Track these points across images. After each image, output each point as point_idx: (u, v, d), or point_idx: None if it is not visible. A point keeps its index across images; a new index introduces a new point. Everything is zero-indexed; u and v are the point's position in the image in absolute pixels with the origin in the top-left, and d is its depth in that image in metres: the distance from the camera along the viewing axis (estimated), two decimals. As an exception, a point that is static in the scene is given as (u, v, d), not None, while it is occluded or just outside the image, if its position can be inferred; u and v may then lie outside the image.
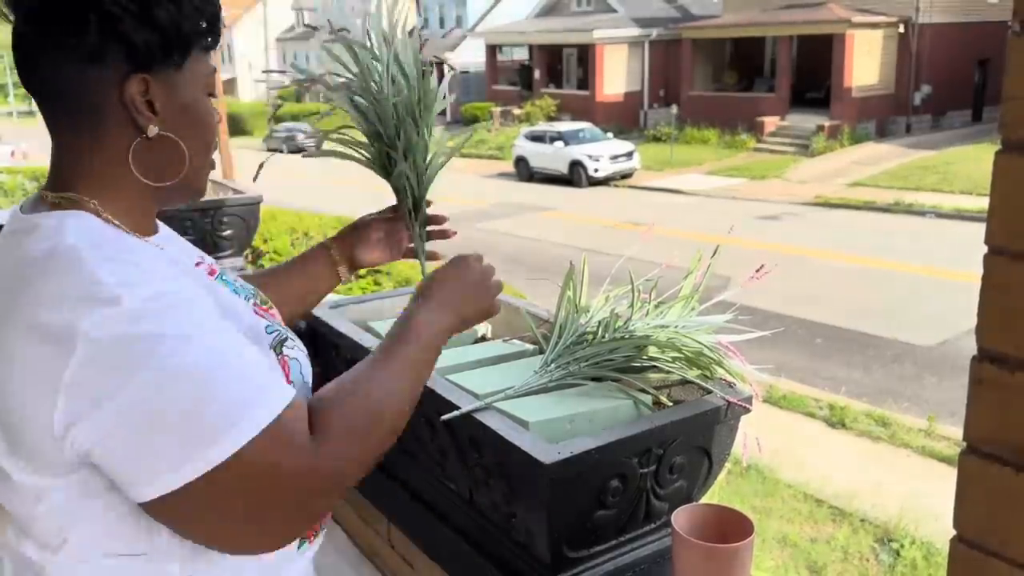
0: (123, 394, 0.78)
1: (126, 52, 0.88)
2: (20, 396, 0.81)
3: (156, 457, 0.79)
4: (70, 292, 0.80)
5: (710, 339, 1.29)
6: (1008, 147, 0.66)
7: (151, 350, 0.79)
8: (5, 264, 0.87)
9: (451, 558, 1.40)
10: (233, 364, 0.83)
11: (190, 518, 0.83)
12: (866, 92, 24.23)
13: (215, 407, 0.80)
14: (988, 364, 0.69)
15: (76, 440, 0.80)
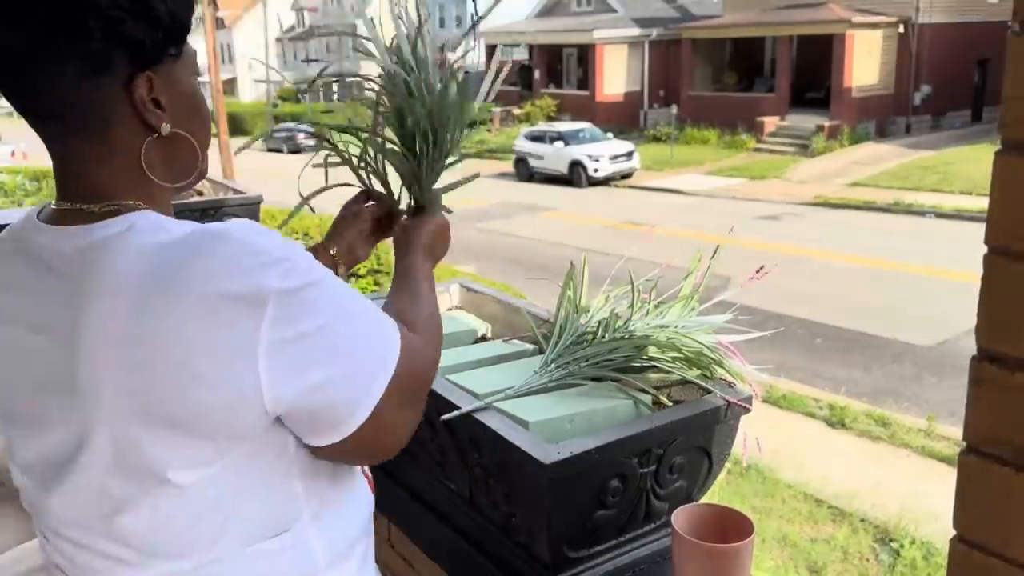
0: (324, 334, 0.84)
1: (131, 53, 0.84)
2: (210, 373, 0.79)
3: (360, 382, 0.88)
4: (243, 261, 0.81)
5: (710, 339, 1.29)
6: (1008, 147, 0.66)
7: (326, 291, 0.86)
8: (118, 268, 0.81)
9: (451, 558, 1.40)
10: (364, 302, 0.93)
11: (378, 432, 0.91)
12: (866, 92, 24.23)
13: (379, 328, 0.92)
14: (988, 364, 0.69)
15: (283, 395, 0.83)
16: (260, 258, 0.81)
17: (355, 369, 0.87)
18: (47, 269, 0.86)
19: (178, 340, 0.78)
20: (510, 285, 8.33)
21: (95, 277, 0.81)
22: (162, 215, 0.88)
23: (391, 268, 7.83)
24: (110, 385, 0.79)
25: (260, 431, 0.85)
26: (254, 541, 0.89)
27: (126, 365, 0.79)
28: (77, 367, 0.81)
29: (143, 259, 0.81)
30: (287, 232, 6.90)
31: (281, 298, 0.81)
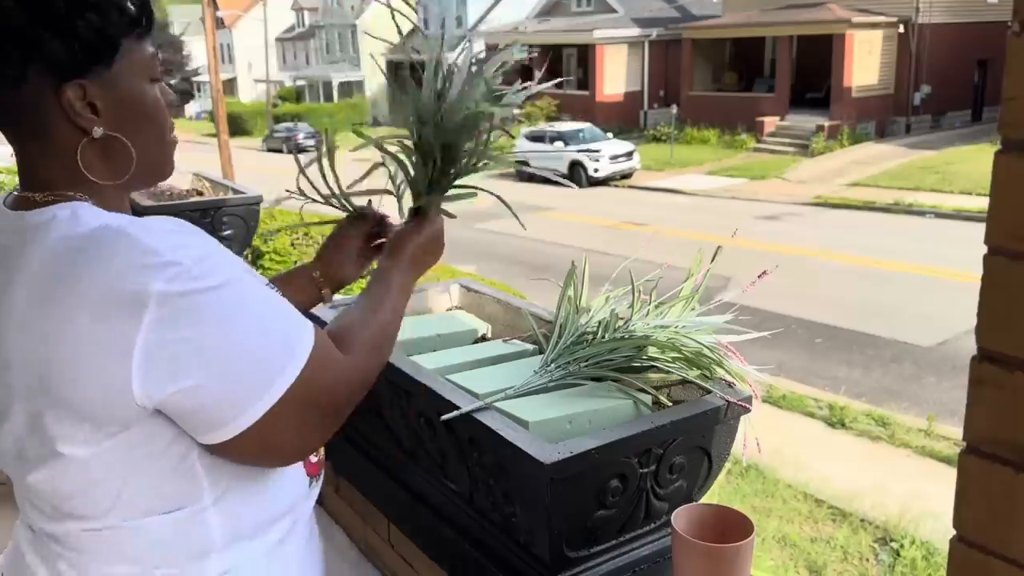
0: (201, 342, 0.86)
1: (50, 68, 0.90)
2: (89, 364, 0.85)
3: (238, 394, 0.88)
4: (132, 262, 0.85)
5: (710, 339, 1.29)
6: (1008, 147, 0.66)
7: (216, 299, 0.87)
8: (34, 254, 0.90)
9: (451, 558, 1.40)
10: (275, 301, 0.95)
11: (264, 443, 0.92)
12: (866, 92, 24.23)
13: (277, 338, 0.91)
14: (988, 364, 0.69)
15: (153, 394, 0.86)
16: (149, 259, 0.85)
17: (234, 379, 0.88)
18: (1, 249, 0.95)
19: (65, 330, 0.86)
20: (510, 285, 8.33)
21: (16, 263, 0.91)
22: (90, 207, 0.94)
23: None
24: (17, 364, 0.90)
25: (141, 420, 0.89)
26: (148, 514, 0.95)
27: (26, 348, 0.89)
28: (3, 344, 0.91)
29: (52, 249, 0.89)
30: (288, 233, 6.89)
31: (163, 302, 0.84)
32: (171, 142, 1.04)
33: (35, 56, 0.89)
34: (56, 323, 0.86)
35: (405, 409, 1.41)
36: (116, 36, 0.94)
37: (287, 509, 1.05)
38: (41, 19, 0.88)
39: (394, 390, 1.42)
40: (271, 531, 1.03)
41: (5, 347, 0.91)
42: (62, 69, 0.91)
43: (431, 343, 1.56)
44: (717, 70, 28.09)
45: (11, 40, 0.88)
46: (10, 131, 0.96)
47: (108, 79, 0.94)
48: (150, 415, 0.89)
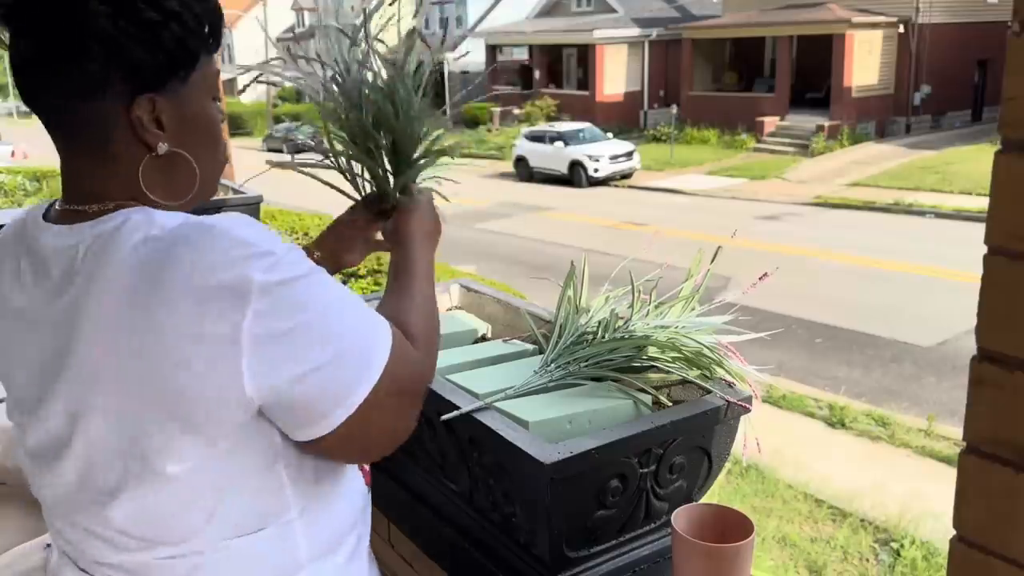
0: (307, 327, 0.85)
1: (131, 76, 0.87)
2: (195, 364, 0.81)
3: (344, 378, 0.88)
4: (228, 254, 0.82)
5: (710, 339, 1.29)
6: (1008, 147, 0.66)
7: (312, 285, 0.87)
8: (112, 261, 0.84)
9: (451, 558, 1.40)
10: (354, 300, 0.93)
11: (364, 430, 0.92)
12: (866, 92, 24.23)
13: (366, 325, 0.92)
14: (988, 364, 0.69)
15: (265, 386, 0.84)
16: (245, 250, 0.83)
17: (338, 365, 0.87)
18: (44, 264, 0.90)
19: (166, 329, 0.81)
20: (510, 285, 8.33)
21: (92, 271, 0.85)
22: (154, 210, 0.89)
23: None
24: (106, 372, 0.83)
25: (243, 422, 0.86)
26: (238, 534, 0.90)
27: (120, 352, 0.82)
28: (73, 355, 0.85)
29: (135, 252, 0.84)
30: (288, 230, 6.90)
31: (265, 291, 0.82)
32: (223, 161, 1.03)
33: (118, 64, 0.86)
34: (154, 326, 0.81)
35: (405, 409, 1.41)
36: (196, 50, 0.91)
37: (358, 516, 1.05)
38: (127, 27, 0.85)
39: (394, 390, 1.42)
40: (345, 543, 1.02)
41: (77, 360, 0.84)
42: (143, 80, 0.88)
43: (431, 343, 1.56)
44: (717, 70, 28.09)
45: (95, 37, 0.84)
46: (65, 141, 0.91)
47: (180, 95, 0.91)
48: (253, 416, 0.86)
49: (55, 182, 9.83)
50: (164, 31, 0.87)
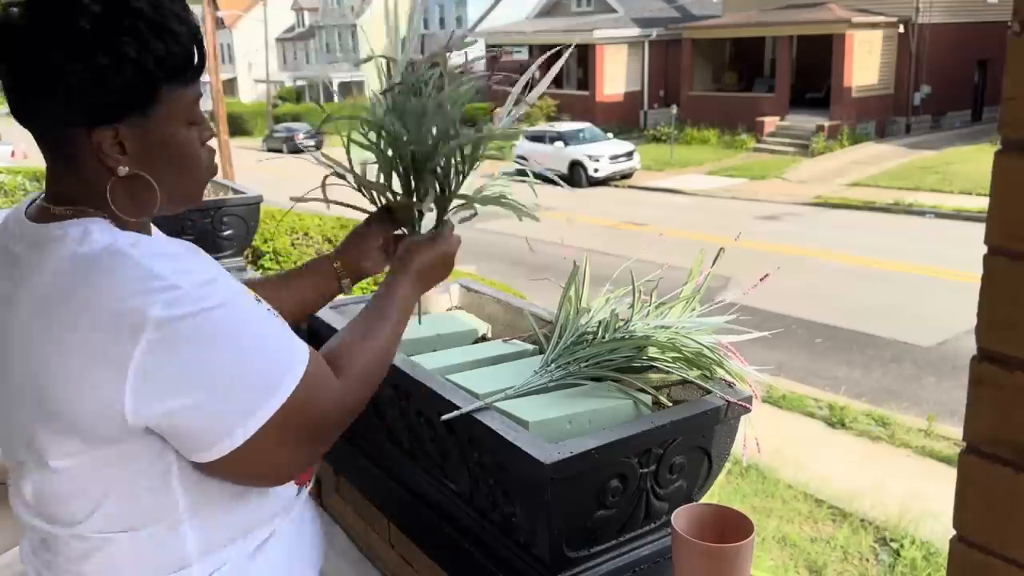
0: (195, 363, 0.88)
1: (88, 112, 0.92)
2: (83, 380, 0.89)
3: (228, 415, 0.90)
4: (133, 285, 0.88)
5: (710, 340, 1.29)
6: (1008, 147, 0.66)
7: (212, 320, 0.90)
8: (43, 269, 0.93)
9: (451, 558, 1.40)
10: (272, 325, 0.97)
11: (253, 462, 0.95)
12: (866, 92, 24.23)
13: (268, 363, 0.93)
14: (988, 364, 0.69)
15: (144, 414, 0.89)
16: (151, 283, 0.88)
17: (226, 399, 0.90)
18: (11, 257, 0.98)
19: (62, 345, 0.89)
20: (510, 285, 8.33)
21: (25, 275, 0.94)
22: (105, 225, 0.96)
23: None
24: (17, 376, 0.94)
25: (127, 438, 0.92)
26: (123, 528, 0.97)
27: (25, 360, 0.92)
28: (7, 353, 0.95)
29: (58, 266, 0.92)
30: (288, 231, 6.90)
31: (160, 325, 0.87)
32: (204, 174, 1.06)
33: (76, 101, 0.91)
34: (55, 338, 0.89)
35: (405, 409, 1.41)
36: (154, 87, 0.94)
37: (268, 517, 1.07)
38: (81, 70, 0.89)
39: (394, 390, 1.42)
40: (250, 537, 1.05)
41: (8, 359, 0.95)
42: (96, 115, 0.93)
43: (431, 343, 1.56)
44: (717, 70, 28.08)
45: (58, 84, 0.90)
46: (43, 150, 0.99)
47: (142, 124, 0.96)
48: (139, 434, 0.92)
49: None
50: (115, 76, 0.91)
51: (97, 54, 0.89)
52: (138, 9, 0.91)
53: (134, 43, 0.90)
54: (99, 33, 0.89)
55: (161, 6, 0.93)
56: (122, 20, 0.90)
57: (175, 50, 0.94)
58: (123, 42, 0.90)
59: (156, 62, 0.93)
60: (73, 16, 0.89)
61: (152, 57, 0.92)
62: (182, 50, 0.95)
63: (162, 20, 0.92)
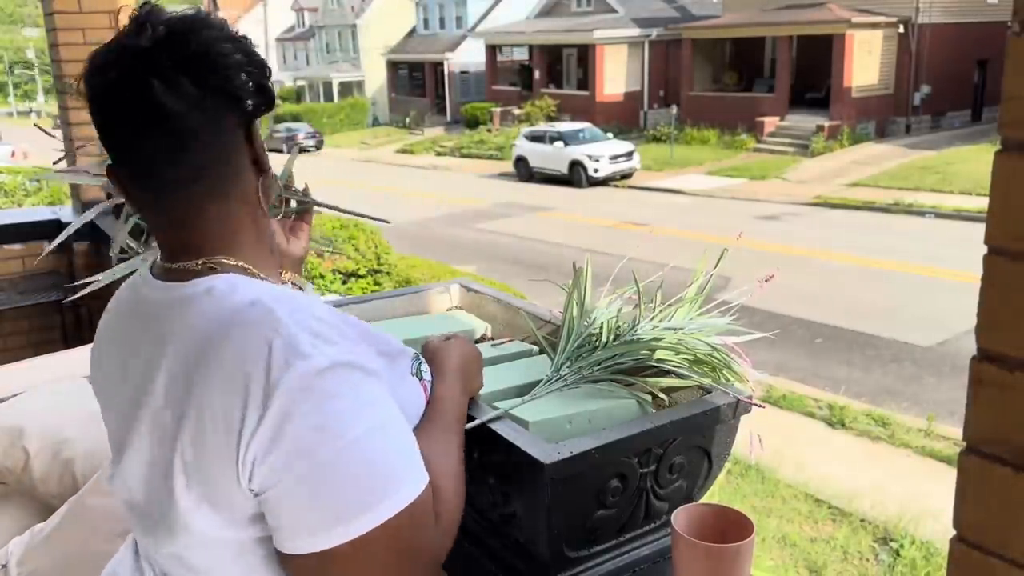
0: (300, 443, 0.82)
1: (253, 107, 0.95)
2: (210, 445, 0.85)
3: (314, 513, 0.84)
4: (267, 347, 0.84)
5: (717, 340, 1.29)
6: (1008, 147, 0.66)
7: (331, 407, 0.84)
8: (184, 328, 0.90)
9: (451, 558, 1.40)
10: (394, 438, 0.89)
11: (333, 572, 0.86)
12: (866, 92, 24.23)
13: (373, 478, 0.85)
14: (988, 364, 0.69)
15: (255, 481, 0.84)
16: (285, 346, 0.84)
17: (324, 496, 0.83)
18: (146, 319, 0.96)
19: (201, 404, 0.85)
20: (510, 285, 8.32)
21: (171, 331, 0.91)
22: (247, 279, 0.94)
23: (391, 268, 7.85)
24: (156, 431, 0.90)
25: (252, 514, 0.87)
26: None
27: (167, 415, 0.88)
28: (145, 407, 0.91)
29: (201, 325, 0.89)
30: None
31: (281, 394, 0.82)
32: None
33: (261, 95, 0.94)
34: (193, 396, 0.86)
35: (405, 409, 1.41)
36: (254, 115, 0.97)
37: None
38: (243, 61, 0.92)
39: (394, 390, 1.42)
40: None
41: (145, 413, 0.91)
42: (257, 108, 0.95)
43: (431, 343, 1.56)
44: (717, 70, 28.08)
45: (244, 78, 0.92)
46: (194, 194, 0.93)
47: (256, 131, 0.98)
48: (257, 510, 0.87)
49: (55, 183, 9.83)
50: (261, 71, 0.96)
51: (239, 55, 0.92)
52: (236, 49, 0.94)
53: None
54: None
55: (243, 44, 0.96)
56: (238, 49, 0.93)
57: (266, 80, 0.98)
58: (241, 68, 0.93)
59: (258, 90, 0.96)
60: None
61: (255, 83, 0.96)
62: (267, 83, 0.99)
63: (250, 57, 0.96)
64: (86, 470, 1.85)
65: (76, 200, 3.97)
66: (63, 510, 1.72)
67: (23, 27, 62.44)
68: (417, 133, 34.17)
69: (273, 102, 0.99)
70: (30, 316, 3.66)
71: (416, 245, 12.64)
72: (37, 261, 3.68)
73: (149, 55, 0.87)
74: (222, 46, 0.91)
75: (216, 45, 0.91)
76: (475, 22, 35.85)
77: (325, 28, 42.67)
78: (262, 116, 0.98)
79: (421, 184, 23.01)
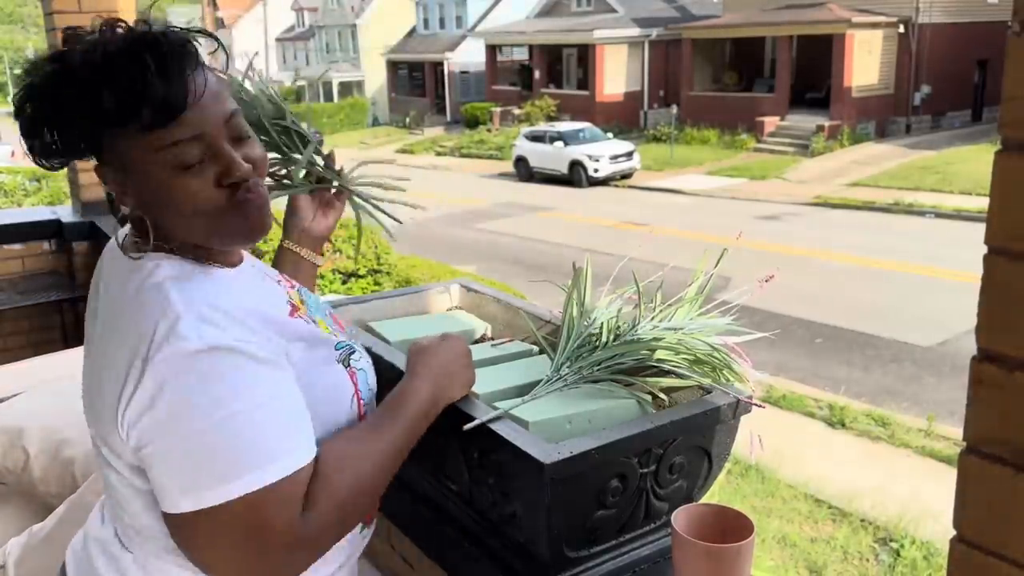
0: (169, 414, 0.90)
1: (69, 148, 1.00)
2: (106, 399, 0.96)
3: (176, 479, 0.90)
4: (153, 326, 0.92)
5: (717, 340, 1.29)
6: (1008, 147, 0.66)
7: (202, 386, 0.89)
8: (115, 289, 1.01)
9: (451, 558, 1.40)
10: (269, 421, 0.92)
11: (187, 542, 0.94)
12: (866, 92, 24.22)
13: (234, 454, 0.89)
14: (988, 364, 0.69)
15: (131, 438, 0.93)
16: (167, 325, 0.92)
17: (185, 465, 0.90)
18: (99, 283, 1.07)
19: (103, 363, 0.97)
20: (510, 285, 8.32)
21: (107, 295, 1.03)
22: (175, 262, 1.00)
23: (391, 268, 7.86)
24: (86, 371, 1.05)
25: (129, 460, 0.97)
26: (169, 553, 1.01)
27: (89, 362, 1.04)
28: (88, 346, 1.05)
29: (118, 294, 0.99)
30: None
31: (156, 367, 0.90)
32: (207, 217, 0.99)
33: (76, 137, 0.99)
34: (98, 353, 0.99)
35: (405, 409, 1.41)
36: (98, 131, 0.96)
37: (344, 559, 1.14)
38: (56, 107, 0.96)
39: (394, 390, 1.42)
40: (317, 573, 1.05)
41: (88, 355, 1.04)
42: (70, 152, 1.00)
43: (431, 343, 1.56)
44: (717, 70, 28.07)
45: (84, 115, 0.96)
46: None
47: (117, 167, 0.99)
48: (140, 464, 0.97)
49: (55, 182, 9.83)
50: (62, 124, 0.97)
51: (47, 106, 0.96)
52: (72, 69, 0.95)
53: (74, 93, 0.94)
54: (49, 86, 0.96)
55: (98, 61, 0.94)
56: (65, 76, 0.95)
57: (110, 98, 0.92)
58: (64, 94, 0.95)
59: (89, 105, 0.93)
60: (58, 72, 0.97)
61: (88, 105, 0.93)
62: (121, 98, 0.92)
63: (96, 74, 0.93)
64: (86, 470, 1.84)
65: (76, 200, 3.97)
66: (61, 510, 1.72)
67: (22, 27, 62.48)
68: (417, 133, 34.16)
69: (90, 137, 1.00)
70: (30, 316, 3.66)
71: (416, 245, 12.64)
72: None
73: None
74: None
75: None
76: (475, 22, 35.83)
77: (325, 28, 42.66)
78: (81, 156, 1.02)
79: (421, 184, 22.96)
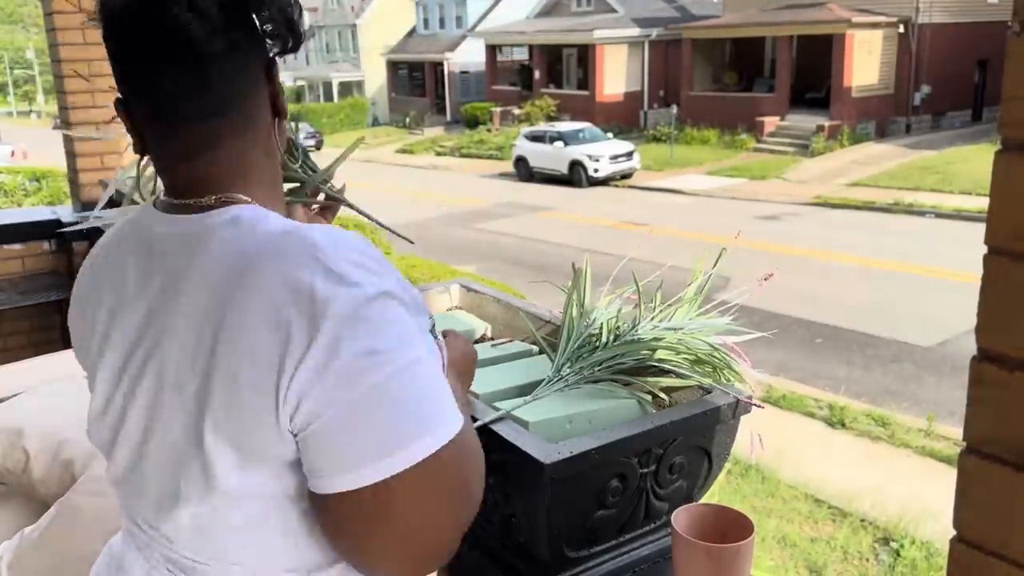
0: (351, 369, 0.76)
1: (281, 42, 0.91)
2: (249, 373, 0.78)
3: (359, 447, 0.77)
4: (309, 276, 0.78)
5: (717, 340, 1.29)
6: (1008, 147, 0.66)
7: (381, 332, 0.78)
8: (209, 257, 0.83)
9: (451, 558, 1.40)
10: (436, 372, 0.83)
11: (376, 515, 0.79)
12: (866, 92, 24.23)
13: (424, 404, 0.79)
14: (988, 364, 0.69)
15: (300, 414, 0.77)
16: (333, 272, 0.78)
17: (373, 425, 0.76)
18: (151, 255, 0.89)
19: (235, 341, 0.79)
20: (510, 285, 8.32)
21: (189, 265, 0.84)
22: (266, 211, 0.88)
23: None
24: (169, 379, 0.83)
25: (286, 453, 0.80)
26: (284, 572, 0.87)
27: (187, 363, 0.82)
28: (153, 359, 0.85)
29: (234, 250, 0.82)
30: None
31: (332, 321, 0.76)
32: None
33: (275, 29, 0.89)
34: (225, 337, 0.79)
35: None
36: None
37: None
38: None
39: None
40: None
41: (171, 356, 0.83)
42: (284, 44, 0.91)
43: (431, 343, 1.56)
44: (717, 70, 28.08)
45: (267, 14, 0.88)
46: (220, 127, 0.87)
47: (277, 70, 0.93)
48: (286, 452, 0.80)
49: (55, 182, 9.82)
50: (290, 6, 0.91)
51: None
52: None
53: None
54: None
55: None
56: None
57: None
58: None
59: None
60: None
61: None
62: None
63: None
64: (86, 471, 1.84)
65: (76, 200, 3.97)
66: (51, 512, 1.71)
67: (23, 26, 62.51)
68: (417, 133, 34.16)
69: (300, 42, 0.92)
70: (30, 316, 3.66)
71: (416, 245, 12.64)
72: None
73: None
74: None
75: None
76: (475, 22, 35.84)
77: (325, 28, 42.66)
78: (287, 55, 0.93)
79: (421, 184, 23.01)
